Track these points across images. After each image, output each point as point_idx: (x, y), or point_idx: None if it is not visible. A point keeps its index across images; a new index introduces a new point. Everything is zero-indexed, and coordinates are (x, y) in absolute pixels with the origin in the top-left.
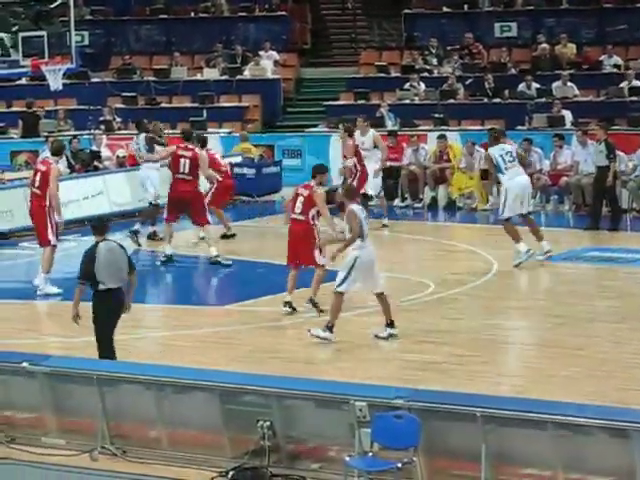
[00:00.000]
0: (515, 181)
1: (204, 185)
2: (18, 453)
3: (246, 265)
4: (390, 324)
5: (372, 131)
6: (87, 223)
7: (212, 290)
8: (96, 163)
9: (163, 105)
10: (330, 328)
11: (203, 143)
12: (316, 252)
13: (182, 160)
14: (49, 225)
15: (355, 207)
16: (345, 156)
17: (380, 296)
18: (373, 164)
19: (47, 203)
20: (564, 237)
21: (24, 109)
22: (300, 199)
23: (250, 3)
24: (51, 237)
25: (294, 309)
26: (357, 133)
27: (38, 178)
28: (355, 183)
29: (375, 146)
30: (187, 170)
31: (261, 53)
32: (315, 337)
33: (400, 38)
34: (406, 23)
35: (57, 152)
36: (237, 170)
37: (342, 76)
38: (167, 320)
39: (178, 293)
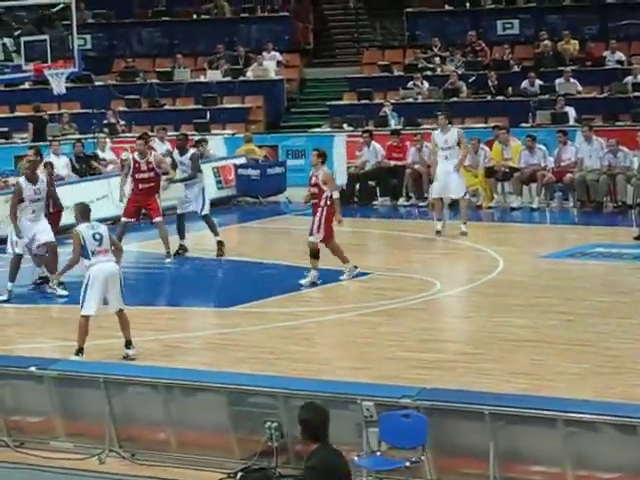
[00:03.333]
0: None
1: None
2: (27, 457)
3: (252, 266)
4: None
5: (455, 128)
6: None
7: (218, 292)
8: (95, 165)
9: (167, 107)
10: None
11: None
12: None
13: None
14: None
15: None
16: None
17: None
18: (453, 162)
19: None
20: (569, 234)
21: (32, 113)
22: None
23: (252, 4)
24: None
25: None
26: (437, 131)
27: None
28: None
29: (458, 143)
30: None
31: (264, 54)
32: None
33: (402, 37)
34: (408, 22)
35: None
36: (241, 171)
37: (345, 76)
38: (174, 322)
39: (184, 295)
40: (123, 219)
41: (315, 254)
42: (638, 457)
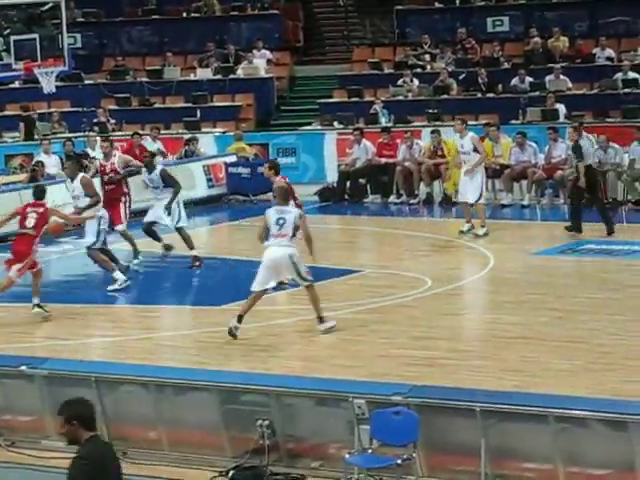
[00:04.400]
0: None
1: None
2: (18, 457)
3: (242, 264)
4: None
5: (470, 133)
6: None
7: (209, 290)
8: (86, 163)
9: (157, 106)
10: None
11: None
12: None
13: None
14: None
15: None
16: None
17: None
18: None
19: None
20: (560, 230)
21: (22, 113)
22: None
23: (242, 2)
24: None
25: None
26: (456, 136)
27: None
28: None
29: (475, 149)
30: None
31: (254, 52)
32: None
33: (392, 34)
34: (398, 19)
35: None
36: (232, 170)
37: (335, 73)
38: (165, 321)
39: (175, 294)
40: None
41: None
42: (629, 453)
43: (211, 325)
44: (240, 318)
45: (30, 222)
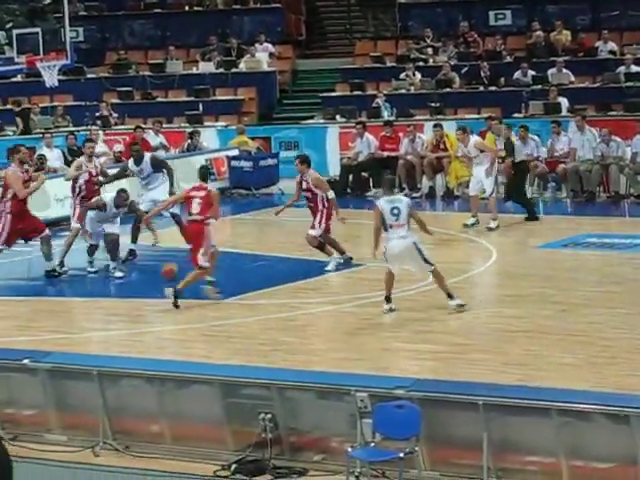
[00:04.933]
0: None
1: None
2: (21, 450)
3: (245, 258)
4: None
5: (473, 139)
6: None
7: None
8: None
9: (159, 99)
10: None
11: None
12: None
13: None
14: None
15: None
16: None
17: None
18: (484, 166)
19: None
20: (562, 224)
21: (18, 107)
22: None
23: None
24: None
25: None
26: (461, 145)
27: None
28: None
29: (482, 150)
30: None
31: (256, 45)
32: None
33: (395, 28)
34: (400, 13)
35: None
36: (234, 163)
37: (337, 67)
38: (167, 315)
39: None
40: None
41: (321, 246)
42: (631, 447)
43: (214, 319)
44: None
45: (195, 208)
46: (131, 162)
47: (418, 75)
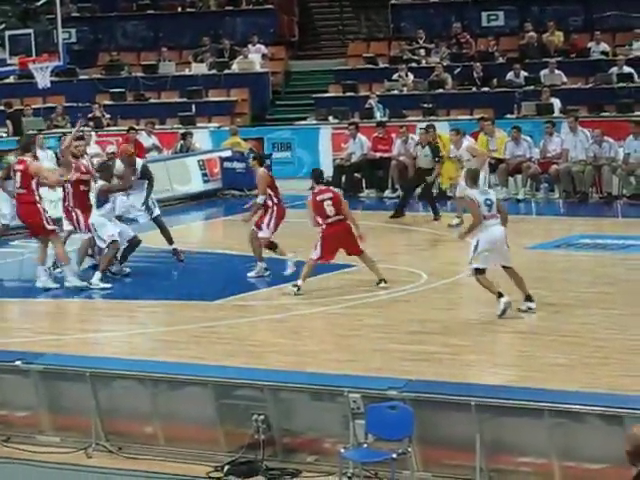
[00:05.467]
0: None
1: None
2: (13, 452)
3: (237, 259)
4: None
5: (465, 142)
6: None
7: (204, 285)
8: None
9: (152, 101)
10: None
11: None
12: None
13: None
14: (43, 216)
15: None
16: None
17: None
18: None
19: (35, 198)
20: (555, 225)
21: (9, 109)
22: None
23: None
24: (49, 225)
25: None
26: (453, 147)
27: (18, 178)
28: (270, 220)
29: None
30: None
31: (249, 47)
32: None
33: (387, 29)
34: (393, 14)
35: (25, 148)
36: (227, 164)
37: (330, 68)
38: (160, 316)
39: (170, 289)
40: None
41: (272, 247)
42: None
43: (206, 320)
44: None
45: (330, 210)
46: (119, 163)
47: (411, 76)
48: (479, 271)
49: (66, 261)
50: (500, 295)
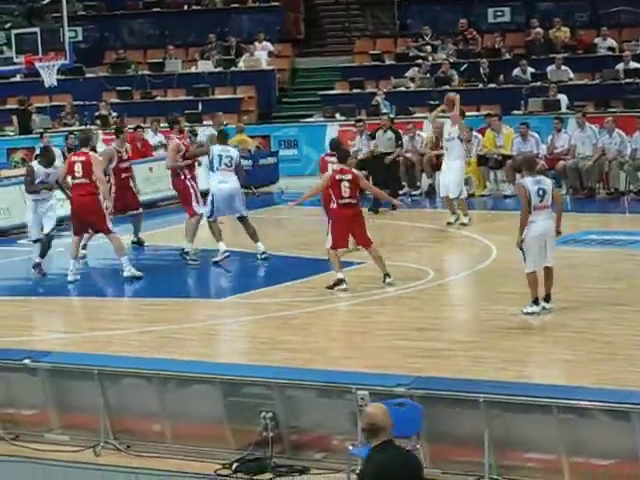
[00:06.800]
0: None
1: None
2: (22, 450)
3: (245, 257)
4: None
5: (461, 122)
6: None
7: (212, 283)
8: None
9: (158, 99)
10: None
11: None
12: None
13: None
14: (103, 207)
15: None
16: None
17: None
18: (452, 162)
19: (95, 189)
20: (562, 221)
21: (21, 106)
22: (345, 184)
23: None
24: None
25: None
26: (447, 121)
27: (80, 169)
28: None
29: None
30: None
31: (255, 44)
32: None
33: (394, 26)
34: (399, 11)
35: (84, 143)
36: None
37: (337, 65)
38: (167, 313)
39: (178, 286)
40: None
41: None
42: (632, 443)
43: (214, 317)
44: (537, 300)
45: (346, 192)
46: (36, 163)
47: (417, 73)
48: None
49: (122, 251)
50: (536, 301)
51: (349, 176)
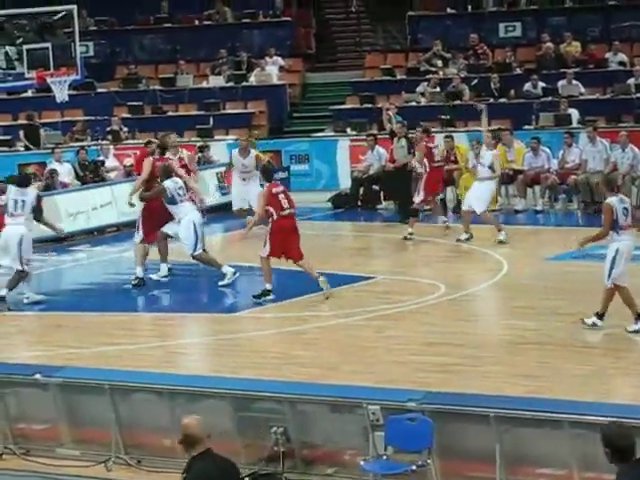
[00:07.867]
0: None
1: None
2: (33, 465)
3: (255, 272)
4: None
5: (494, 150)
6: (96, 234)
7: (222, 297)
8: (102, 172)
9: (169, 114)
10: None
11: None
12: None
13: None
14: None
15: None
16: None
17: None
18: (484, 181)
19: None
20: (574, 235)
21: (31, 121)
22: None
23: (254, 9)
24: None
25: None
26: (483, 148)
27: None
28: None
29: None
30: None
31: (266, 59)
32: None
33: (405, 40)
34: (410, 25)
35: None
36: None
37: (347, 80)
38: (178, 329)
39: (188, 301)
40: None
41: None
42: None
43: (225, 332)
44: (601, 316)
45: (285, 203)
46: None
47: (428, 87)
48: (618, 287)
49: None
50: (638, 317)
51: (282, 188)
